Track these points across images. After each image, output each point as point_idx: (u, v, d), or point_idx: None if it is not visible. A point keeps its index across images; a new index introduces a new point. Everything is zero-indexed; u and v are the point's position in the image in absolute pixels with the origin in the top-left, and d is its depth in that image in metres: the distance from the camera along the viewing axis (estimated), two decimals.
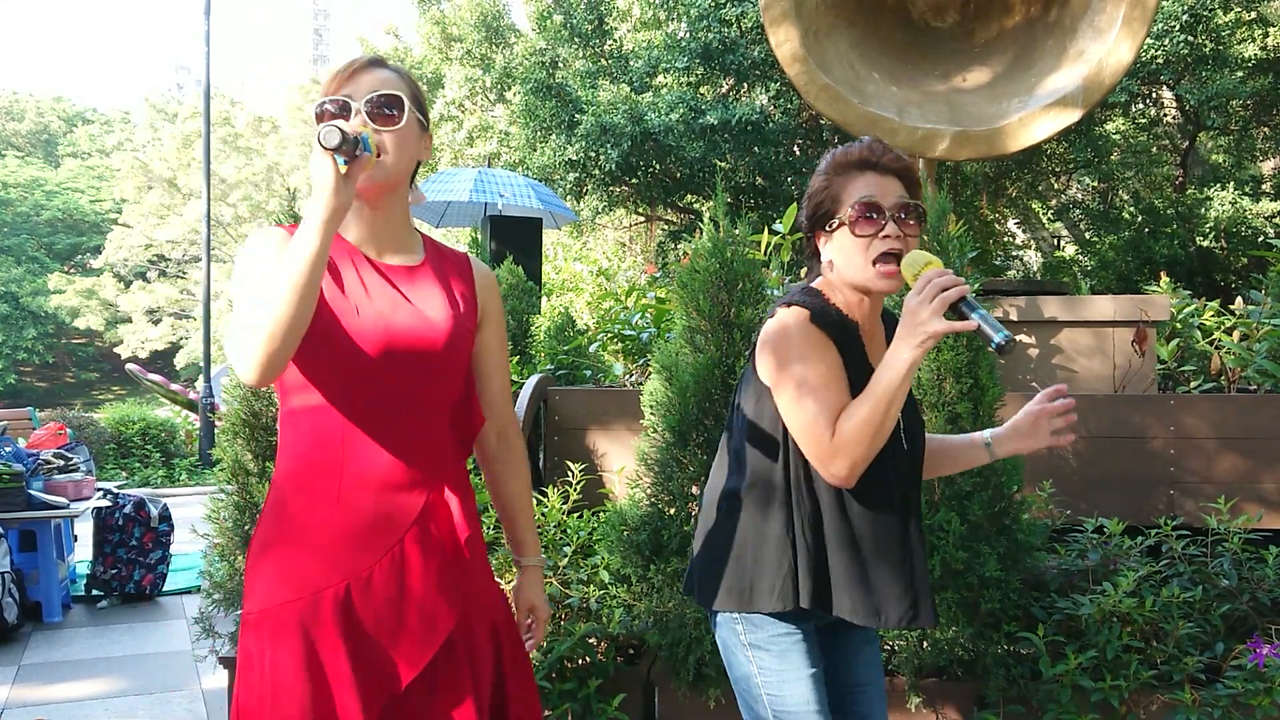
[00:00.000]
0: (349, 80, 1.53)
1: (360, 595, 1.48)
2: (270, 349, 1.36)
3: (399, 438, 1.52)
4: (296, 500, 1.50)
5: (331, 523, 1.48)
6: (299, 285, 1.36)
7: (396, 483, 1.51)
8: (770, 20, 4.33)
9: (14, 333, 34.01)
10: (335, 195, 1.36)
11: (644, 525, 2.90)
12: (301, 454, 1.51)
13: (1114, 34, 4.14)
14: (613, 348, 4.68)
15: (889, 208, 1.64)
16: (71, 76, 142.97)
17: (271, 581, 1.48)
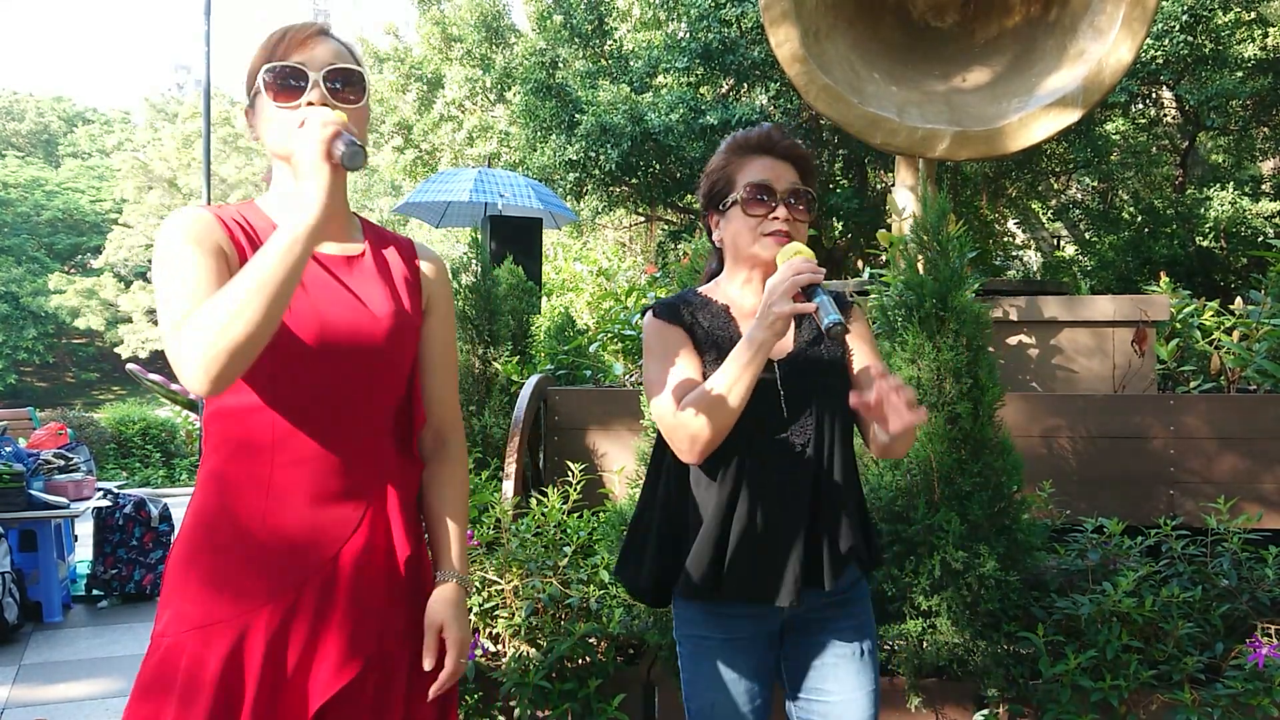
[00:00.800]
0: (302, 47, 1.40)
1: (281, 626, 1.34)
2: (235, 360, 1.21)
3: (335, 441, 1.38)
4: (220, 511, 1.35)
5: (256, 540, 1.34)
6: (277, 297, 1.21)
7: (331, 493, 1.38)
8: (770, 20, 4.33)
9: (14, 333, 33.99)
10: (323, 206, 1.24)
11: None
12: (226, 459, 1.36)
13: (1114, 34, 4.14)
14: (613, 348, 4.68)
15: (781, 192, 1.71)
16: (71, 76, 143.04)
17: (186, 603, 1.34)
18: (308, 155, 1.26)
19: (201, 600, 1.34)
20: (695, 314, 1.74)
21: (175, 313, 1.27)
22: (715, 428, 1.59)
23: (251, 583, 1.34)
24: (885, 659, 2.79)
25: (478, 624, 2.96)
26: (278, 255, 1.21)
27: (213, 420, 1.38)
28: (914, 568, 2.69)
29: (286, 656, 1.35)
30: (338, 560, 1.38)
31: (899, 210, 4.66)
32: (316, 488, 1.37)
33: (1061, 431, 3.46)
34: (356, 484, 1.41)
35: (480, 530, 3.07)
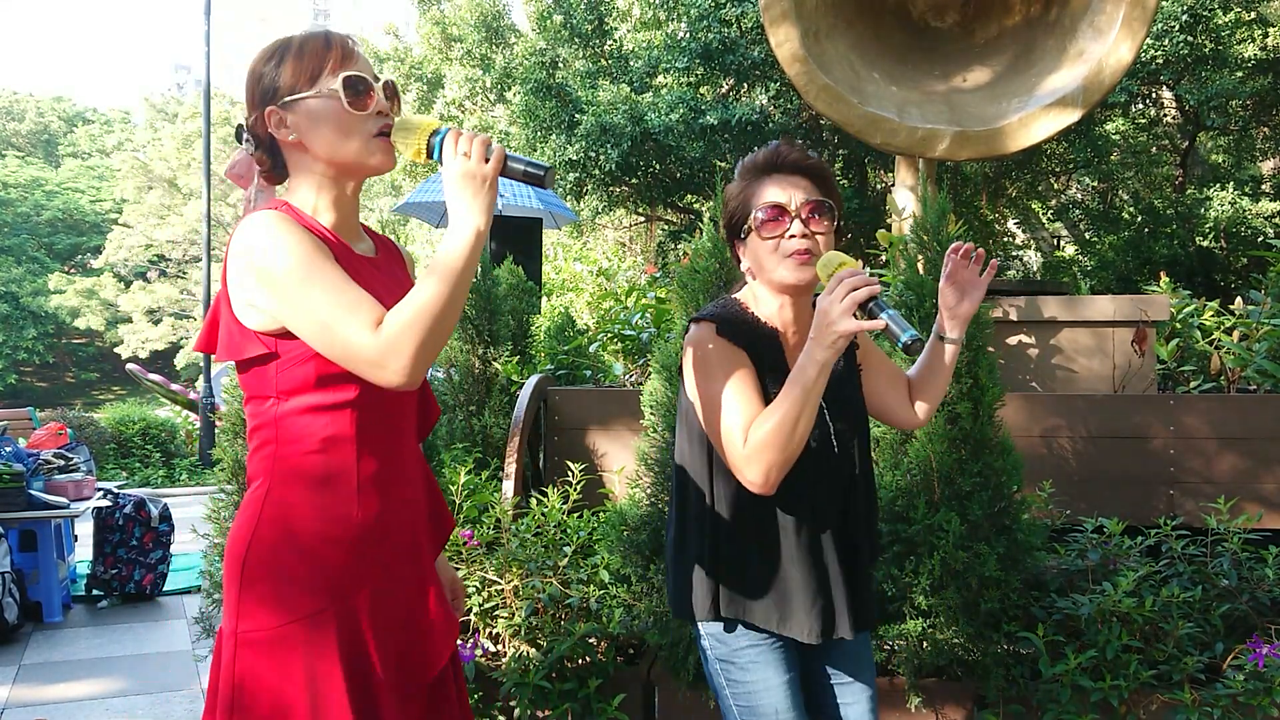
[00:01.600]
0: (350, 60, 1.48)
1: (389, 595, 1.46)
2: (431, 356, 1.34)
3: (396, 435, 1.50)
4: (312, 500, 1.42)
5: (352, 522, 1.42)
6: (462, 291, 1.35)
7: (400, 479, 1.49)
8: (770, 20, 4.32)
9: (14, 333, 33.99)
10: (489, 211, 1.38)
11: (644, 525, 2.90)
12: (314, 452, 1.42)
13: (1114, 34, 4.14)
14: (613, 348, 4.69)
15: (795, 208, 1.66)
16: (71, 76, 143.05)
17: (296, 588, 1.39)
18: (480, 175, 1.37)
19: (302, 591, 1.39)
20: (754, 334, 1.69)
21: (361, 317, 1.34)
22: (786, 457, 1.56)
23: (357, 563, 1.42)
24: (885, 659, 2.79)
25: (478, 624, 2.96)
26: (466, 252, 1.34)
27: (283, 422, 1.42)
28: (914, 568, 2.69)
29: (397, 629, 1.46)
30: (417, 536, 1.52)
31: (899, 210, 4.66)
32: (391, 476, 1.47)
33: (1061, 431, 3.46)
34: (416, 470, 1.54)
35: (480, 530, 3.07)
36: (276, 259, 1.35)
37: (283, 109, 1.44)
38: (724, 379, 1.64)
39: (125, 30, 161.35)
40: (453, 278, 1.33)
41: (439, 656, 1.51)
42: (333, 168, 1.47)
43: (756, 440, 1.57)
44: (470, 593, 2.97)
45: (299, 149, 1.46)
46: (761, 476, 1.57)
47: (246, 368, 1.43)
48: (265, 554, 1.40)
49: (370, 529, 1.43)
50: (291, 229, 1.37)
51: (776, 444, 1.55)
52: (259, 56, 1.48)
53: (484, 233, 1.36)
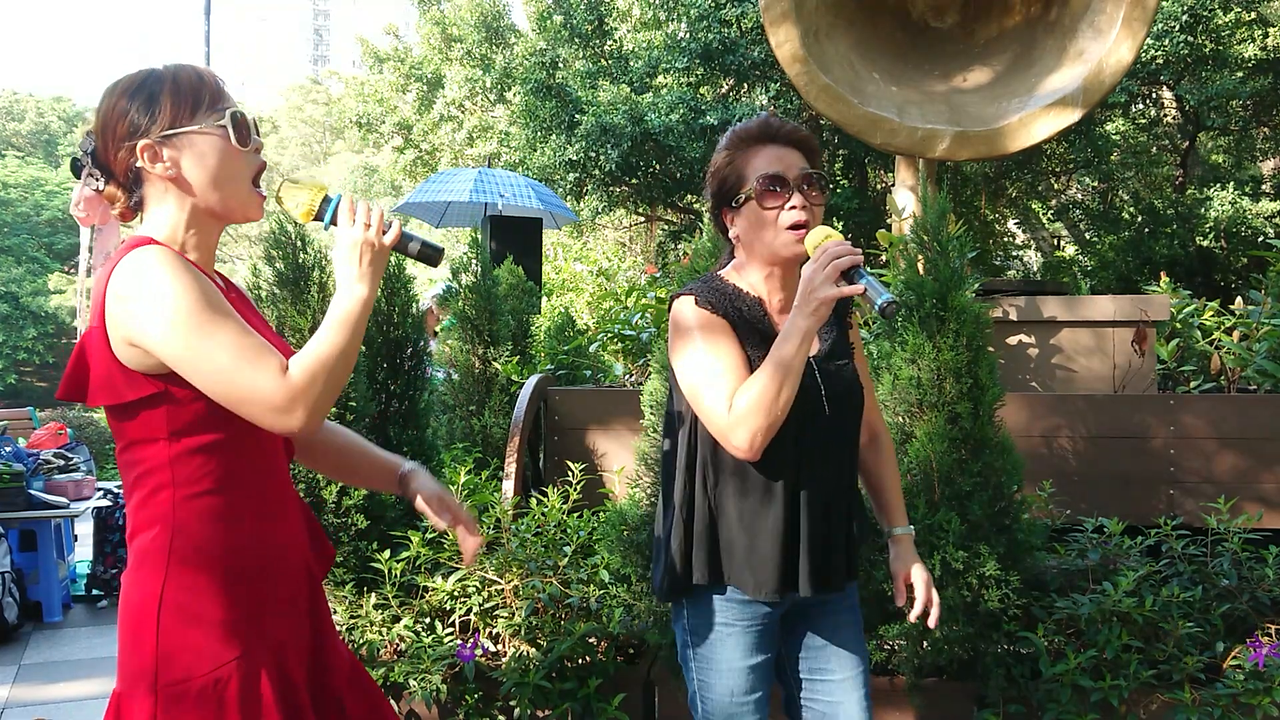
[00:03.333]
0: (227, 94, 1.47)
1: (299, 627, 1.47)
2: (330, 404, 1.36)
3: (273, 465, 1.49)
4: (217, 544, 1.37)
5: (256, 560, 1.41)
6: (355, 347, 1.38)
7: (284, 509, 1.49)
8: (770, 20, 4.32)
9: (14, 333, 33.98)
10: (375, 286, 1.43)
11: (644, 525, 2.90)
12: (209, 496, 1.38)
13: (1114, 34, 4.14)
14: (613, 348, 4.68)
15: (793, 179, 1.68)
16: (72, 76, 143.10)
17: (219, 635, 1.34)
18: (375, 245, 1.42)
19: (227, 633, 1.35)
20: (734, 303, 1.72)
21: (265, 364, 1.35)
22: (770, 422, 1.59)
23: (268, 604, 1.41)
24: (885, 659, 2.79)
25: (478, 624, 2.96)
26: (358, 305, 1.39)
27: (182, 460, 1.37)
28: None
29: (307, 662, 1.47)
30: (309, 567, 1.52)
31: (899, 210, 4.66)
32: (275, 509, 1.47)
33: (1061, 431, 3.46)
34: (291, 500, 1.53)
35: (480, 530, 3.06)
36: (169, 302, 1.29)
37: (160, 143, 1.39)
38: (705, 348, 1.67)
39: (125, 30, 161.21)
40: (348, 333, 1.36)
41: (339, 685, 1.51)
42: (206, 203, 1.43)
43: (741, 407, 1.60)
44: (470, 593, 2.97)
45: (173, 185, 1.41)
46: (747, 442, 1.60)
47: (131, 412, 1.36)
48: (183, 600, 1.34)
49: (269, 564, 1.43)
50: (184, 270, 1.33)
51: (761, 409, 1.58)
52: (119, 88, 1.41)
53: (370, 301, 1.39)
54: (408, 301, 3.44)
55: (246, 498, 1.41)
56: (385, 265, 1.42)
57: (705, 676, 1.73)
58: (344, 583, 2.97)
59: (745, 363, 1.67)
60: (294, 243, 3.12)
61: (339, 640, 1.58)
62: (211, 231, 1.47)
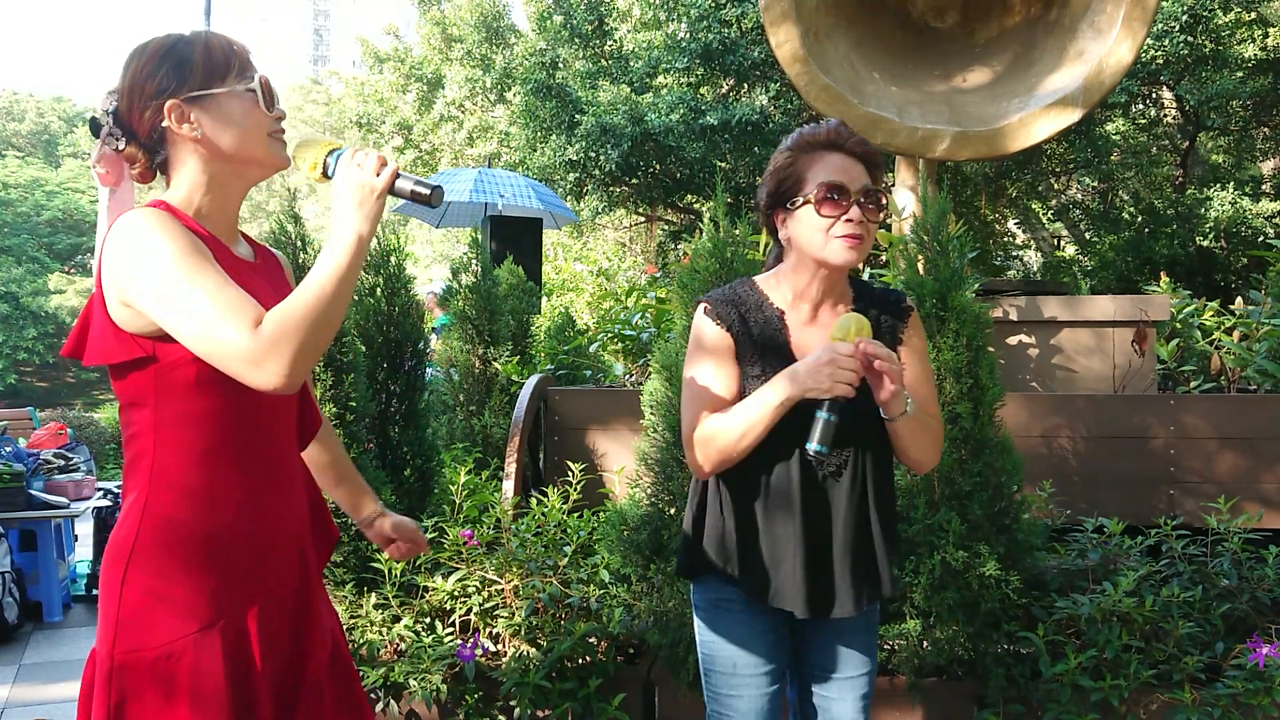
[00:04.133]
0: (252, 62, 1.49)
1: (275, 611, 1.43)
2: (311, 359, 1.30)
3: (275, 444, 1.46)
4: (190, 517, 1.35)
5: (238, 532, 1.38)
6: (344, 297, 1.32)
7: (283, 490, 1.46)
8: (770, 21, 4.32)
9: (14, 333, 33.98)
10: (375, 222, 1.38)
11: (644, 525, 2.90)
12: (188, 469, 1.36)
13: (1114, 34, 4.14)
14: (613, 348, 4.68)
15: (855, 192, 1.66)
16: (72, 76, 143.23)
17: (176, 609, 1.33)
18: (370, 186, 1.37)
19: (185, 608, 1.34)
20: (747, 315, 1.71)
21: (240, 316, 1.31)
22: (723, 458, 1.66)
23: (245, 576, 1.39)
24: (885, 659, 2.79)
25: (478, 624, 2.96)
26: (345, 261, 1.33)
27: (166, 425, 1.36)
28: (914, 568, 2.69)
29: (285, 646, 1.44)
30: (304, 549, 1.51)
31: (899, 210, 4.66)
32: (272, 486, 1.45)
33: (1062, 431, 3.46)
34: (296, 479, 1.52)
35: (480, 530, 3.07)
36: (155, 257, 1.30)
37: (187, 103, 1.40)
38: (700, 360, 1.72)
39: (125, 30, 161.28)
40: (334, 280, 1.30)
41: (318, 669, 1.48)
42: (233, 164, 1.44)
43: (704, 434, 1.66)
44: (470, 593, 2.97)
45: (198, 146, 1.42)
46: (695, 465, 1.70)
47: (123, 373, 1.37)
48: (146, 568, 1.33)
49: (252, 542, 1.39)
50: (170, 226, 1.33)
51: (718, 445, 1.65)
52: (149, 49, 1.43)
53: (366, 240, 1.34)
54: (408, 302, 3.44)
55: (233, 472, 1.38)
56: (383, 207, 1.39)
57: (709, 650, 1.78)
58: (344, 582, 2.97)
59: (735, 383, 1.71)
60: (294, 243, 3.12)
61: (327, 625, 1.54)
62: (233, 194, 1.47)
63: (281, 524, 1.45)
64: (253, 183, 1.50)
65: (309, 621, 1.49)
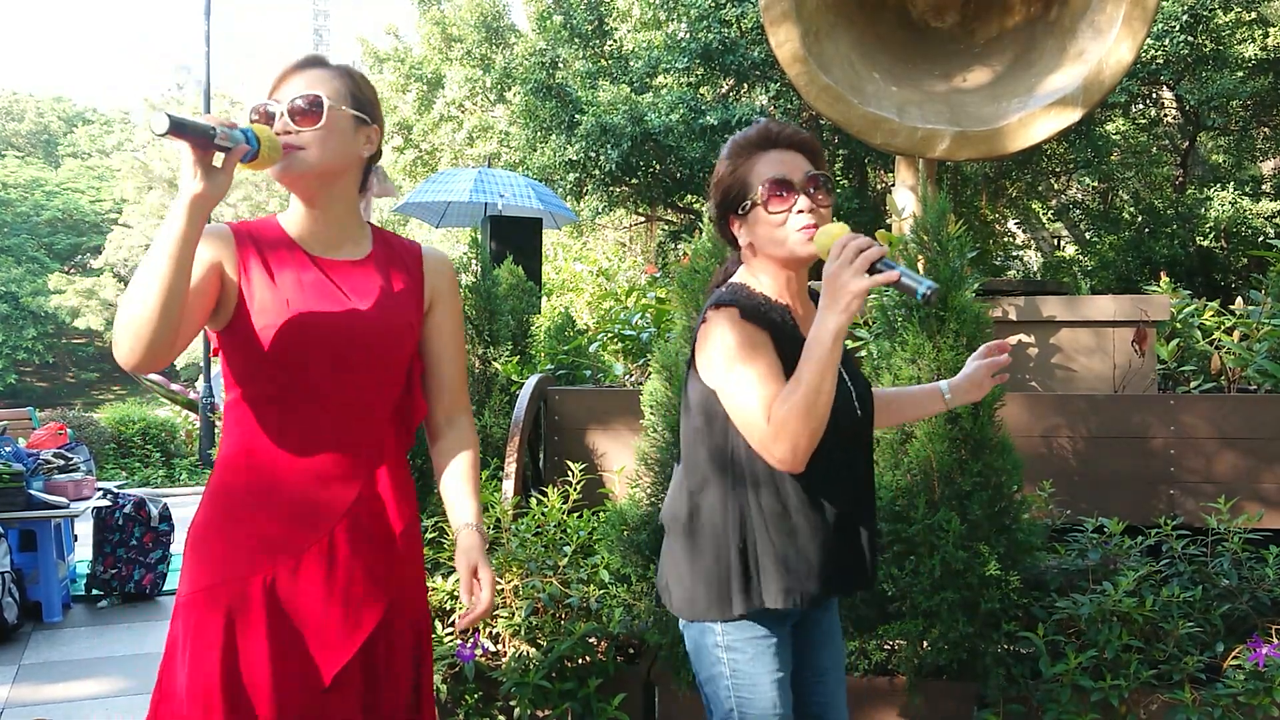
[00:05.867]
0: (280, 85, 1.57)
1: (287, 583, 1.50)
2: (139, 336, 1.39)
3: (332, 430, 1.55)
4: (233, 487, 1.53)
5: (265, 510, 1.51)
6: (165, 272, 1.37)
7: (329, 474, 1.54)
8: (770, 21, 4.32)
9: (14, 333, 33.99)
10: (191, 180, 1.38)
11: (644, 525, 2.90)
12: (241, 443, 1.54)
13: (1114, 34, 4.14)
14: (613, 348, 4.69)
15: (799, 182, 1.67)
16: (71, 76, 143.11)
17: (203, 565, 1.50)
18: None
19: (208, 566, 1.50)
20: (769, 314, 1.68)
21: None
22: (812, 430, 1.55)
23: (261, 547, 1.50)
24: (885, 659, 2.79)
25: None
26: (160, 236, 1.40)
27: (230, 409, 1.57)
28: (914, 568, 2.69)
29: (292, 620, 1.50)
30: (334, 532, 1.54)
31: (899, 210, 4.66)
32: (316, 469, 1.54)
33: (1062, 431, 3.46)
34: (352, 466, 1.57)
35: None
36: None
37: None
38: (749, 362, 1.62)
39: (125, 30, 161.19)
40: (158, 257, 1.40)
41: (331, 663, 1.51)
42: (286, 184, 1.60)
43: (781, 416, 1.54)
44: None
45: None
46: (789, 452, 1.55)
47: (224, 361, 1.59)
48: (197, 531, 1.54)
49: (282, 523, 1.51)
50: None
51: (802, 416, 1.53)
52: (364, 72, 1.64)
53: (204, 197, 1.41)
54: None
55: (269, 457, 1.53)
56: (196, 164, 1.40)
57: (747, 694, 1.68)
58: None
59: (783, 374, 1.63)
60: None
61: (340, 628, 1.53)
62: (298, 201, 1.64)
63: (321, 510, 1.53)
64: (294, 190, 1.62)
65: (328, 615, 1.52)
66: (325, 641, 1.51)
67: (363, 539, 1.57)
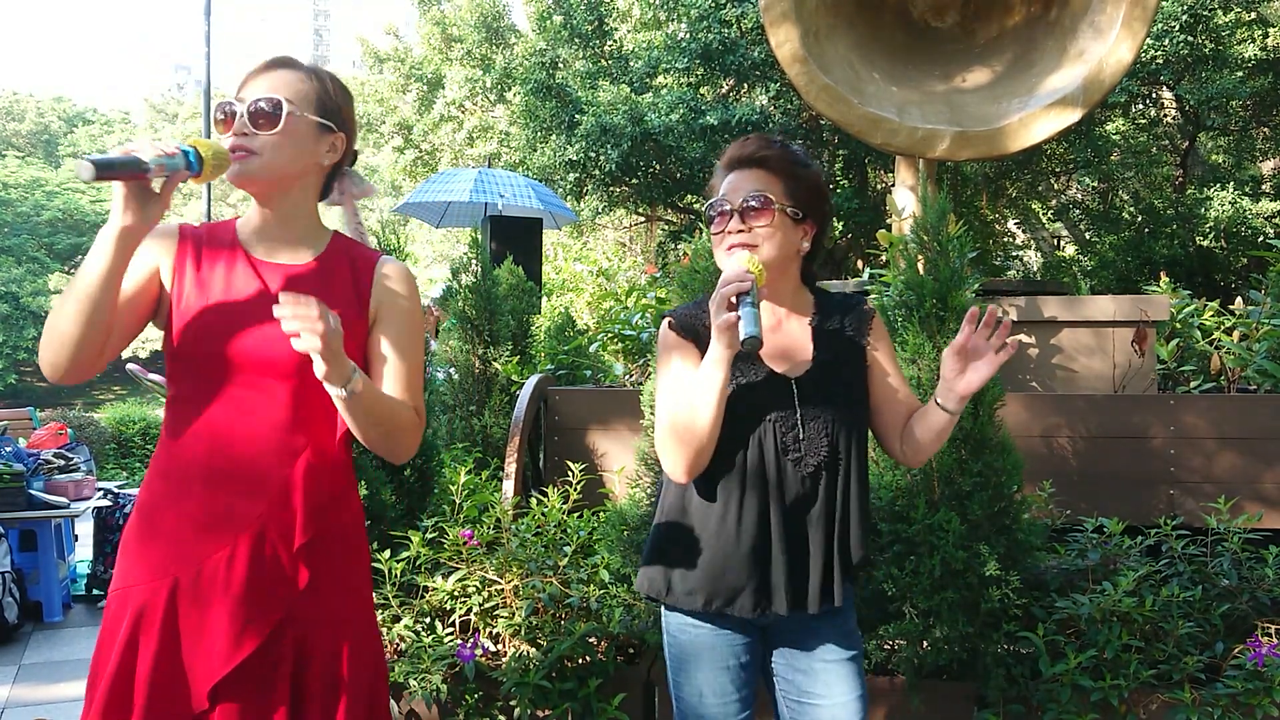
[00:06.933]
0: (248, 83, 1.57)
1: (188, 591, 1.50)
2: (63, 353, 1.43)
3: (251, 439, 1.52)
4: (158, 487, 1.54)
5: (181, 514, 1.51)
6: (90, 295, 1.41)
7: (244, 482, 1.51)
8: (770, 21, 4.32)
9: (14, 333, 33.98)
10: (121, 214, 1.40)
11: (644, 525, 2.90)
12: (162, 444, 1.56)
13: (1114, 34, 4.14)
14: (613, 348, 4.69)
15: (735, 204, 1.70)
16: (71, 76, 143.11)
17: (125, 564, 1.53)
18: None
19: (123, 570, 1.54)
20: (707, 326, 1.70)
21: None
22: (689, 447, 1.62)
23: (171, 551, 1.50)
24: (885, 659, 2.79)
25: (478, 624, 2.96)
26: (86, 264, 1.42)
27: (166, 407, 1.59)
28: (914, 568, 2.69)
29: (183, 629, 1.49)
30: (236, 543, 1.51)
31: (899, 210, 4.66)
32: (233, 475, 1.51)
33: (1062, 431, 3.46)
34: (269, 477, 1.52)
35: (480, 530, 3.07)
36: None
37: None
38: (665, 371, 1.72)
39: (125, 30, 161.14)
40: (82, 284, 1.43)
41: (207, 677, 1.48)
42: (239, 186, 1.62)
43: (663, 432, 1.65)
44: (470, 593, 2.97)
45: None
46: (671, 466, 1.66)
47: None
48: (125, 531, 1.57)
49: (193, 529, 1.50)
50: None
51: (679, 436, 1.62)
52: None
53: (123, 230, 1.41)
54: None
55: (183, 457, 1.53)
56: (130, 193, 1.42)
57: (677, 676, 1.77)
58: None
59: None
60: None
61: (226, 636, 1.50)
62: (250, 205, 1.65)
63: (222, 511, 1.51)
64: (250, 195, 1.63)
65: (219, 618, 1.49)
66: (210, 653, 1.48)
67: (267, 556, 1.51)
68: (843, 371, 1.76)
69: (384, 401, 1.55)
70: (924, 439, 1.76)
